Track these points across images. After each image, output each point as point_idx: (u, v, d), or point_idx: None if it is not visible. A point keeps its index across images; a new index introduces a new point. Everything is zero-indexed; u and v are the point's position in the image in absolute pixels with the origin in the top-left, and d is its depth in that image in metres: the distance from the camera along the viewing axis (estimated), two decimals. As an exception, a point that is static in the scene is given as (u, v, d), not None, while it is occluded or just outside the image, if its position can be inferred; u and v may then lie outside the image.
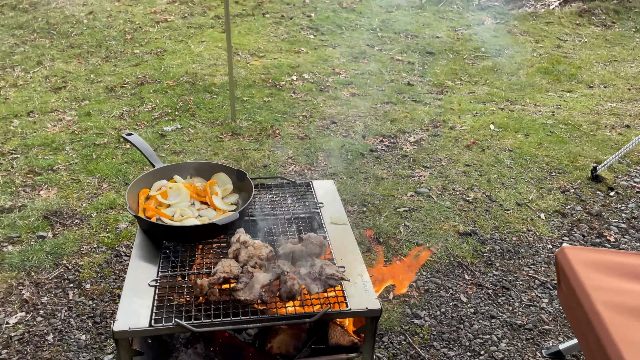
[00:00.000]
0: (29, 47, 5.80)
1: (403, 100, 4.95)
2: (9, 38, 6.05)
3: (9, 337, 2.26)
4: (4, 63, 5.38)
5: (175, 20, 6.73)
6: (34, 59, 5.48)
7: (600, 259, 1.99)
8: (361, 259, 1.79)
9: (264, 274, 1.61)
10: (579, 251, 2.05)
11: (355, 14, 7.69)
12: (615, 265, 1.95)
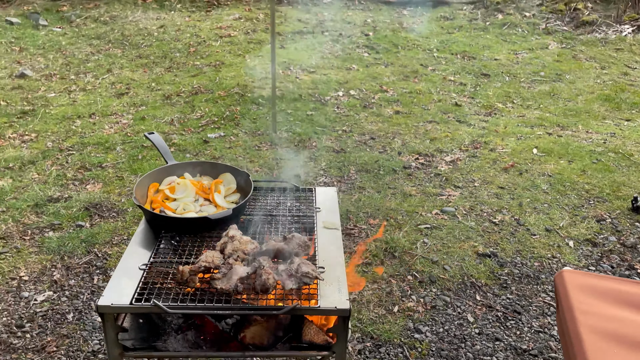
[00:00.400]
0: (102, 56, 6.29)
1: (447, 120, 4.93)
2: (86, 47, 6.60)
3: (35, 313, 2.49)
4: (79, 69, 5.87)
5: (237, 35, 7.07)
6: (105, 67, 5.95)
7: (598, 285, 1.93)
8: (343, 262, 1.84)
9: (243, 267, 1.70)
10: (578, 275, 2.00)
11: (414, 34, 7.74)
12: (612, 292, 1.88)
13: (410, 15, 8.78)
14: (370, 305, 2.64)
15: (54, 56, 6.23)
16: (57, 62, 6.04)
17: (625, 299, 1.85)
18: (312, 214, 2.09)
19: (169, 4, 8.36)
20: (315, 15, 8.45)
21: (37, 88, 5.29)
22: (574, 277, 1.98)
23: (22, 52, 6.34)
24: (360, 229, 3.25)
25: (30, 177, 3.60)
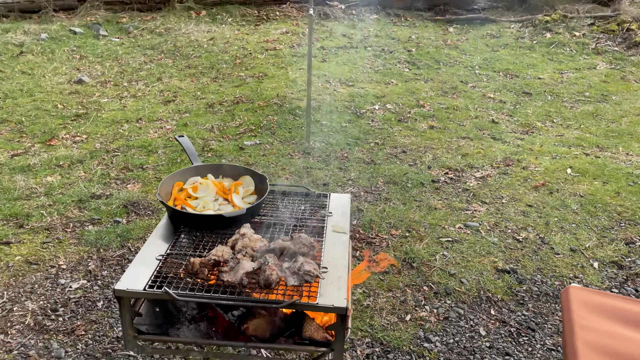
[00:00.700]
0: (154, 65, 6.64)
1: (481, 136, 4.93)
2: (141, 56, 6.98)
3: (68, 298, 2.69)
4: (132, 77, 6.22)
5: (282, 49, 7.29)
6: (155, 75, 6.28)
7: (602, 302, 1.93)
8: (346, 264, 1.93)
9: (250, 263, 1.82)
10: (584, 292, 2.00)
11: (458, 51, 7.74)
12: (614, 310, 1.88)
13: (455, 33, 8.78)
14: (383, 313, 2.70)
15: (110, 64, 6.62)
16: (113, 70, 6.42)
17: (626, 317, 1.85)
18: (323, 218, 2.19)
19: (221, 18, 8.71)
20: (361, 30, 8.59)
21: (92, 93, 5.64)
22: (579, 293, 1.99)
23: (82, 59, 6.77)
24: (381, 238, 3.31)
25: (77, 175, 3.87)
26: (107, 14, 8.56)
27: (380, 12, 9.60)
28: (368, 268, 2.86)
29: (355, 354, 2.44)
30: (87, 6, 8.56)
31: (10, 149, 4.25)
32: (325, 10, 9.30)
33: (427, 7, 9.89)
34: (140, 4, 8.76)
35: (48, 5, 8.36)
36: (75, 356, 2.35)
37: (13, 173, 3.83)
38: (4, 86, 5.66)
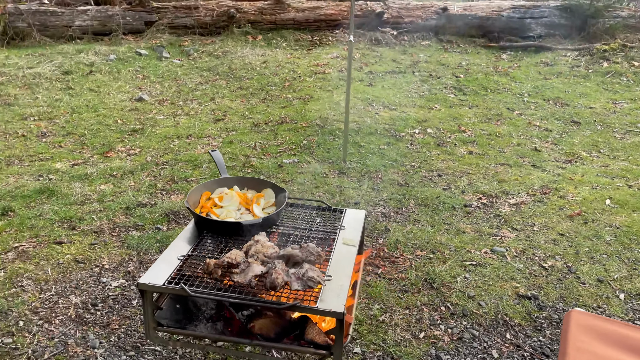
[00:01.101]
0: (209, 86, 7.03)
1: (521, 164, 4.92)
2: (198, 77, 7.40)
3: (107, 295, 2.94)
4: (187, 97, 6.62)
5: (331, 72, 7.53)
6: (209, 95, 6.65)
7: (602, 326, 1.95)
8: (350, 273, 2.05)
9: (260, 266, 1.98)
10: (586, 316, 2.03)
11: (508, 78, 7.72)
12: (612, 334, 1.90)
13: (508, 60, 8.75)
14: (398, 329, 2.78)
15: (169, 84, 7.07)
16: (171, 90, 6.86)
17: (623, 341, 1.86)
18: (335, 231, 2.32)
19: (275, 42, 9.09)
20: (411, 56, 8.73)
21: (149, 110, 6.06)
22: (581, 317, 2.01)
23: (144, 79, 7.27)
24: (405, 258, 3.39)
25: (127, 184, 4.19)
26: (171, 37, 9.12)
27: (433, 39, 9.70)
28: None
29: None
30: (153, 30, 9.17)
31: (71, 159, 4.65)
32: (377, 36, 9.51)
33: (481, 34, 9.91)
34: (201, 28, 9.28)
35: (118, 28, 9.02)
36: (107, 347, 2.57)
37: (72, 181, 4.20)
38: (73, 102, 6.18)
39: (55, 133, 5.27)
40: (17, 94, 6.32)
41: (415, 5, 10.00)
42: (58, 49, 8.18)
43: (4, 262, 3.15)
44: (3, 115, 5.66)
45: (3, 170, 4.37)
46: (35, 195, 3.93)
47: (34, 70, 7.21)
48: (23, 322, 2.69)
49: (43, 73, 7.12)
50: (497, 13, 9.87)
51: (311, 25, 9.50)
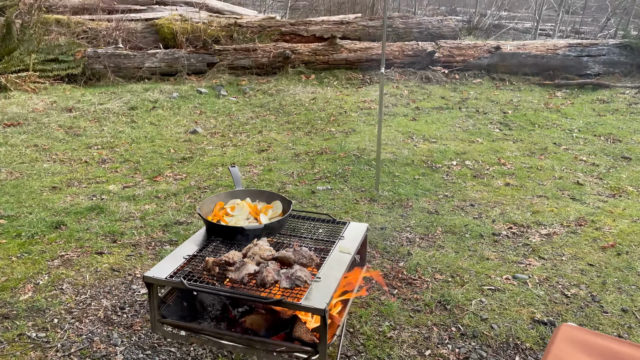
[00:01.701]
0: (259, 120, 7.41)
1: (560, 196, 4.82)
2: (250, 113, 7.81)
3: (135, 300, 3.17)
4: (237, 130, 7.01)
5: (377, 108, 7.72)
6: (257, 129, 7.00)
7: (589, 340, 1.94)
8: (339, 277, 2.15)
9: (253, 266, 2.14)
10: (575, 330, 2.01)
11: (559, 114, 7.60)
12: (598, 347, 1.88)
13: (562, 97, 8.61)
14: (404, 345, 2.81)
15: (222, 119, 7.51)
16: (223, 124, 7.28)
17: (607, 354, 1.84)
18: (334, 240, 2.45)
19: (327, 81, 9.45)
20: (461, 93, 8.78)
21: (201, 142, 6.46)
22: (569, 330, 2.00)
23: (201, 114, 7.77)
24: (423, 280, 3.42)
25: (169, 205, 4.50)
26: (230, 77, 9.70)
27: (485, 77, 9.72)
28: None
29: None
30: (214, 70, 9.80)
31: (124, 182, 5.05)
32: (427, 74, 9.66)
33: (535, 72, 9.83)
34: (258, 68, 9.81)
35: (183, 69, 9.72)
36: (128, 345, 2.78)
37: (120, 200, 4.57)
38: (134, 133, 6.70)
39: (114, 160, 5.74)
40: (87, 127, 6.94)
41: (467, 44, 10.10)
42: (128, 88, 8.91)
43: (50, 267, 3.48)
44: (72, 144, 6.23)
45: (63, 190, 4.82)
46: (86, 212, 4.31)
47: (104, 106, 7.89)
48: (57, 320, 2.96)
49: (112, 109, 7.78)
50: (552, 51, 9.77)
51: (363, 65, 9.80)
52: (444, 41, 10.14)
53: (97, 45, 10.25)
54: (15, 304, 3.08)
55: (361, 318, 3.02)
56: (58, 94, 8.45)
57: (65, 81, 9.18)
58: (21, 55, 9.13)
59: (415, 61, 9.87)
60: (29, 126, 6.82)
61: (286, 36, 10.86)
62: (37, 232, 3.94)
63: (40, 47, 9.41)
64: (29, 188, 4.82)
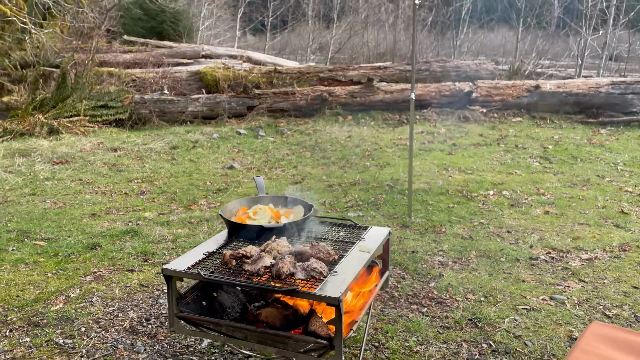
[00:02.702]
0: (294, 157, 7.51)
1: (603, 224, 4.61)
2: (286, 150, 7.94)
3: (160, 313, 3.17)
4: (273, 165, 7.12)
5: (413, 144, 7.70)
6: (293, 164, 7.09)
7: (618, 335, 1.81)
8: (356, 272, 2.10)
9: (269, 259, 2.12)
10: (604, 327, 1.89)
11: (602, 149, 7.38)
12: (628, 342, 1.75)
13: (606, 134, 8.39)
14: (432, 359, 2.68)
15: (259, 156, 7.66)
16: (260, 160, 7.42)
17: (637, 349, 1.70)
18: (354, 241, 2.41)
19: (364, 122, 9.55)
20: (500, 131, 8.69)
21: (237, 175, 6.59)
22: (599, 327, 1.88)
23: (239, 152, 7.96)
24: (454, 299, 3.29)
25: (201, 229, 4.56)
26: (268, 119, 9.96)
27: (524, 116, 9.61)
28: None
29: None
30: (254, 113, 10.09)
31: (159, 210, 5.17)
32: (465, 114, 9.63)
33: (577, 110, 9.65)
34: (296, 111, 10.05)
35: (224, 112, 10.06)
36: (150, 353, 2.77)
37: (155, 225, 4.67)
38: (173, 169, 6.91)
39: (152, 192, 5.91)
40: (129, 164, 7.21)
41: (505, 84, 10.06)
42: (171, 130, 9.27)
43: (82, 283, 3.55)
44: (113, 178, 6.47)
45: (101, 217, 4.98)
46: (121, 235, 4.41)
47: (147, 146, 8.20)
48: (84, 329, 2.99)
49: (154, 148, 8.08)
50: (594, 89, 9.61)
51: (399, 106, 9.88)
52: (482, 81, 10.14)
53: (144, 93, 10.79)
54: (46, 313, 3.14)
55: (387, 333, 2.92)
56: (105, 136, 8.86)
57: (113, 125, 9.64)
58: (73, 102, 9.70)
59: (452, 101, 9.88)
60: (76, 163, 7.14)
61: (324, 82, 11.14)
62: (73, 252, 4.05)
63: (91, 94, 9.98)
64: (70, 215, 5.00)
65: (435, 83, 10.47)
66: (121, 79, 11.47)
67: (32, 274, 3.67)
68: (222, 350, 2.79)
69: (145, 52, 14.96)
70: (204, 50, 15.64)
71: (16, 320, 3.06)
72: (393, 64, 11.96)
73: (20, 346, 2.80)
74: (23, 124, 8.90)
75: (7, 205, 5.33)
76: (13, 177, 6.42)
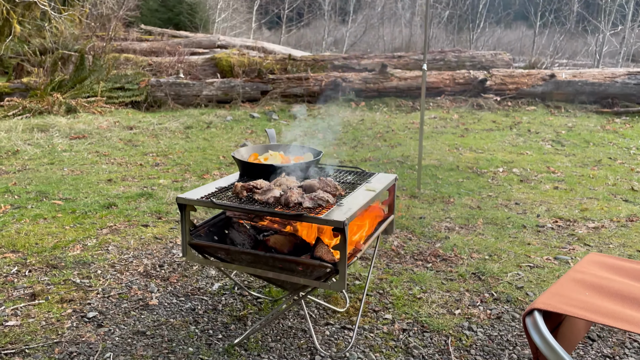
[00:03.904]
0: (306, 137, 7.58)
1: (612, 199, 4.63)
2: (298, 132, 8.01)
3: (173, 261, 3.28)
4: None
5: (426, 129, 7.75)
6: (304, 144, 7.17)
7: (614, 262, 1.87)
8: (361, 204, 2.18)
9: (279, 190, 2.21)
10: (602, 256, 1.95)
11: (616, 135, 7.37)
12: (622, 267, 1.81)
13: (621, 123, 8.35)
14: (434, 305, 2.75)
15: (273, 136, 7.74)
16: (273, 140, 7.51)
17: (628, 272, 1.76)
18: (361, 183, 2.49)
19: (377, 108, 9.61)
20: (513, 118, 8.69)
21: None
22: (596, 257, 1.94)
23: (252, 133, 8.06)
24: (459, 257, 3.35)
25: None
26: (282, 104, 10.06)
27: (539, 104, 9.59)
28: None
29: (392, 328, 2.54)
30: (267, 98, 10.20)
31: (174, 179, 5.29)
32: (479, 102, 9.64)
33: (592, 100, 9.61)
34: (310, 97, 10.13)
35: (238, 97, 10.18)
36: (163, 293, 2.87)
37: (169, 190, 4.78)
38: (187, 145, 7.04)
39: (167, 164, 6.03)
40: (145, 140, 7.35)
41: (520, 72, 10.05)
42: (185, 112, 9.41)
43: (98, 235, 3.68)
44: (129, 152, 6.61)
45: (117, 183, 5.11)
46: (136, 197, 4.54)
47: (162, 125, 8.35)
48: (100, 272, 3.11)
49: (169, 127, 8.22)
50: (610, 79, 9.56)
51: (413, 93, 9.92)
52: (496, 70, 10.14)
53: (160, 76, 10.94)
54: (64, 258, 3.26)
55: (392, 283, 2.99)
56: (121, 116, 9.02)
57: (129, 107, 9.80)
58: (91, 83, 9.87)
59: (466, 89, 9.90)
60: (93, 139, 7.30)
61: (338, 69, 11.21)
62: (90, 210, 4.18)
63: (108, 76, 10.15)
64: (86, 180, 5.14)
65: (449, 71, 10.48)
66: (138, 64, 11.65)
67: (51, 226, 3.80)
68: (232, 292, 2.88)
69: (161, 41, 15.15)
70: (220, 40, 15.77)
71: (35, 263, 3.18)
72: (408, 53, 12.00)
73: (39, 283, 2.92)
74: (42, 103, 9.09)
75: (26, 172, 5.48)
76: (32, 148, 6.59)
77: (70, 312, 2.65)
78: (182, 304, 2.77)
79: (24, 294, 2.81)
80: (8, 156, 6.12)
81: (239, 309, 2.72)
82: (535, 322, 1.46)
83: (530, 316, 1.50)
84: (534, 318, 1.48)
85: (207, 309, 2.72)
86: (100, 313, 2.65)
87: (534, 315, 1.48)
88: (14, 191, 4.65)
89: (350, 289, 2.92)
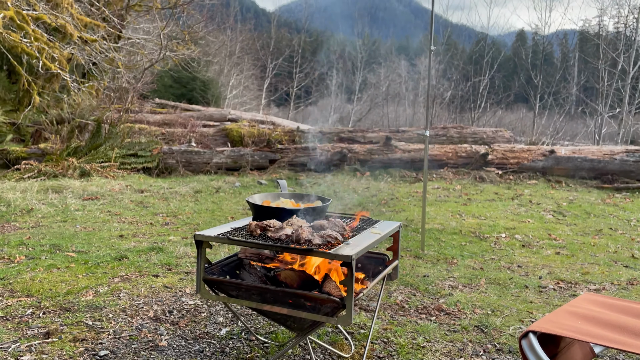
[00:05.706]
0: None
1: (613, 265, 4.71)
2: (305, 199, 8.22)
3: (182, 308, 3.35)
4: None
5: (428, 197, 7.95)
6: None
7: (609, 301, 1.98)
8: (366, 245, 2.31)
9: (291, 229, 2.36)
10: (595, 295, 2.05)
11: (616, 208, 7.52)
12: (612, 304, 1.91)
13: (622, 197, 8.53)
14: (437, 354, 2.80)
15: (280, 202, 7.93)
16: (280, 205, 7.69)
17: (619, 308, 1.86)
18: (366, 227, 2.64)
19: (382, 178, 9.87)
20: (515, 191, 8.89)
21: (257, 216, 6.84)
22: (589, 295, 2.04)
23: (259, 199, 8.25)
24: (462, 312, 3.42)
25: (222, 250, 4.78)
26: (289, 172, 10.35)
27: (540, 178, 9.83)
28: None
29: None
30: (275, 166, 10.51)
31: (183, 236, 5.43)
32: (481, 174, 9.90)
33: (592, 176, 9.84)
34: (316, 166, 10.43)
35: (247, 165, 10.50)
36: (172, 336, 2.94)
37: (178, 245, 4.91)
38: (196, 207, 7.22)
39: (176, 223, 6.19)
40: (155, 202, 7.55)
41: (521, 148, 10.38)
42: (195, 178, 9.69)
43: (110, 283, 3.77)
44: (140, 212, 6.80)
45: (128, 239, 5.24)
46: (147, 251, 4.66)
47: (173, 189, 8.59)
48: (112, 315, 3.19)
49: (179, 191, 8.45)
50: (609, 156, 9.85)
51: (416, 165, 10.21)
52: (498, 145, 10.48)
53: (172, 145, 11.35)
54: (76, 302, 3.35)
55: (396, 332, 3.05)
56: (133, 180, 9.30)
57: (141, 172, 10.11)
58: (105, 150, 10.25)
59: (468, 162, 10.19)
60: (105, 200, 7.51)
61: (344, 142, 11.61)
62: (102, 262, 4.29)
63: (122, 144, 10.55)
64: (99, 236, 5.28)
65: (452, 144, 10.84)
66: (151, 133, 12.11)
67: (64, 275, 3.91)
68: (239, 337, 2.95)
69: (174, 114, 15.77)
70: (230, 114, 16.40)
71: (49, 306, 3.27)
72: (411, 127, 12.44)
73: (52, 324, 3.00)
74: (57, 167, 9.40)
75: (39, 228, 5.64)
76: (46, 207, 6.78)
77: (82, 350, 2.71)
78: (190, 346, 2.83)
79: (38, 332, 2.89)
80: (22, 214, 6.31)
81: (246, 352, 2.78)
82: (530, 344, 1.56)
83: (525, 338, 1.60)
84: (529, 340, 1.58)
85: (215, 351, 2.78)
86: (111, 352, 2.71)
87: (529, 337, 1.58)
88: (28, 244, 4.79)
89: (355, 337, 2.98)
